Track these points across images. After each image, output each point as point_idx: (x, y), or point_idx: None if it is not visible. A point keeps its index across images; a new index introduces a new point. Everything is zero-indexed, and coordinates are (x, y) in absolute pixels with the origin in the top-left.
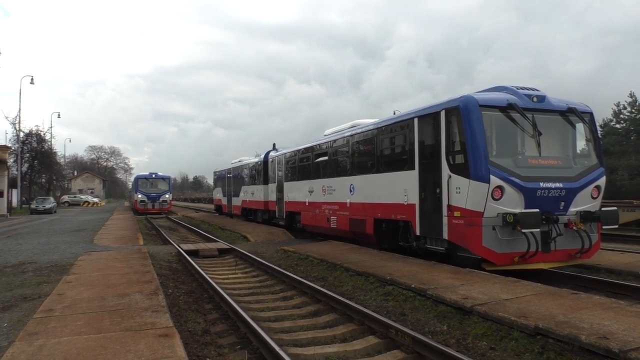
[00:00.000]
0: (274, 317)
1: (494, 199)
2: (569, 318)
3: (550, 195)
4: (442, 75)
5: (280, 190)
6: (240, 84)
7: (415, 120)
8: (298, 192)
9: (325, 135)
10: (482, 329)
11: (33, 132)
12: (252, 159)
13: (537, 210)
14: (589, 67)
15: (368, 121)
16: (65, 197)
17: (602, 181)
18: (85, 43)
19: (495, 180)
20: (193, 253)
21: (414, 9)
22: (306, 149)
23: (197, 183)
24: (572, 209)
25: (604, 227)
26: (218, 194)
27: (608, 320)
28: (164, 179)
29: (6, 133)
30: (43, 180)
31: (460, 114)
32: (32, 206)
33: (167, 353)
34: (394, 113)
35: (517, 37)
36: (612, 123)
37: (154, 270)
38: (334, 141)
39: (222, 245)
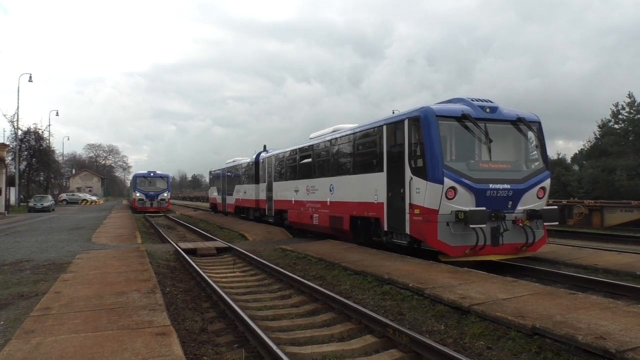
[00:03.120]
0: (272, 316)
1: (447, 198)
2: (566, 318)
3: (498, 195)
4: (441, 74)
5: (269, 189)
6: (239, 82)
7: (384, 127)
8: (285, 191)
9: (310, 139)
10: (479, 328)
11: (31, 130)
12: (245, 159)
13: (484, 208)
14: (588, 66)
15: (348, 126)
16: (64, 195)
17: (547, 183)
18: (84, 41)
19: (448, 182)
20: (191, 252)
21: (413, 8)
22: (292, 151)
23: (196, 182)
24: (520, 208)
25: (545, 223)
26: (213, 193)
27: (605, 321)
28: (163, 177)
29: (4, 131)
30: (41, 178)
31: (420, 122)
32: (30, 204)
33: (164, 351)
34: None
35: (517, 37)
36: (611, 123)
37: (152, 269)
38: (317, 144)
39: (221, 244)
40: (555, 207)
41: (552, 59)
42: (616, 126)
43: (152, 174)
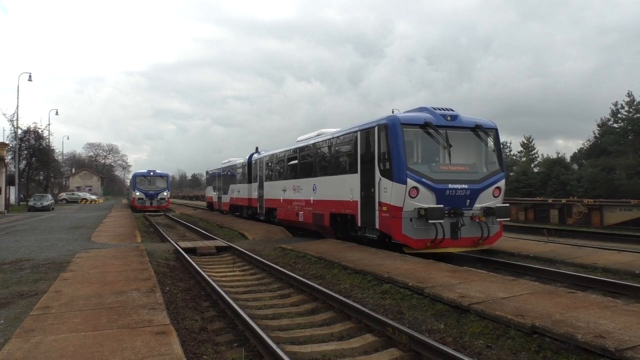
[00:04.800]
0: (272, 314)
1: (410, 197)
2: (565, 317)
3: (457, 194)
4: (441, 73)
5: (261, 188)
6: (239, 81)
7: (358, 133)
8: (275, 190)
9: (297, 141)
10: (479, 327)
11: (31, 129)
12: (239, 160)
13: (442, 205)
14: (588, 65)
15: (331, 130)
16: (63, 195)
17: (502, 183)
18: (84, 40)
19: (411, 182)
20: (191, 251)
21: (413, 7)
22: (281, 153)
23: (196, 181)
24: (477, 205)
25: (498, 219)
26: (210, 192)
27: (604, 319)
28: (162, 176)
29: (4, 130)
30: (41, 177)
31: (387, 129)
32: (30, 203)
33: (164, 350)
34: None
35: (517, 36)
36: (610, 122)
37: (152, 268)
38: (302, 147)
39: (220, 243)
40: (507, 205)
41: (552, 57)
42: (615, 125)
43: (151, 173)
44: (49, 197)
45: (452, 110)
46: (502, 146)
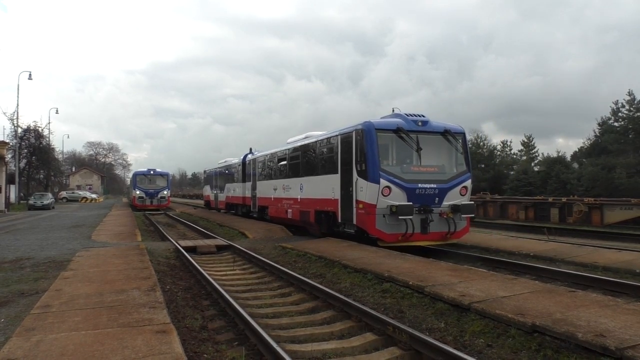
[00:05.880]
0: (272, 313)
1: (383, 195)
2: (566, 316)
3: (426, 193)
4: (441, 72)
5: (254, 187)
6: (239, 80)
7: (339, 137)
8: (266, 189)
9: (287, 143)
10: (479, 326)
11: (31, 128)
12: (234, 160)
13: (411, 203)
14: (589, 64)
15: (317, 133)
16: (64, 193)
17: (468, 183)
18: (84, 38)
19: (384, 182)
20: (191, 249)
21: (414, 6)
22: (272, 154)
23: (196, 179)
24: (445, 203)
25: (463, 215)
26: (207, 191)
27: (605, 318)
28: (163, 175)
29: (4, 129)
30: (41, 176)
31: (363, 134)
32: (30, 202)
33: (165, 349)
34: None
35: (517, 34)
36: (611, 121)
37: (152, 267)
38: (291, 149)
39: (220, 241)
40: (472, 202)
41: (553, 56)
42: (616, 124)
43: (152, 172)
44: (49, 196)
45: (423, 116)
46: (468, 148)
